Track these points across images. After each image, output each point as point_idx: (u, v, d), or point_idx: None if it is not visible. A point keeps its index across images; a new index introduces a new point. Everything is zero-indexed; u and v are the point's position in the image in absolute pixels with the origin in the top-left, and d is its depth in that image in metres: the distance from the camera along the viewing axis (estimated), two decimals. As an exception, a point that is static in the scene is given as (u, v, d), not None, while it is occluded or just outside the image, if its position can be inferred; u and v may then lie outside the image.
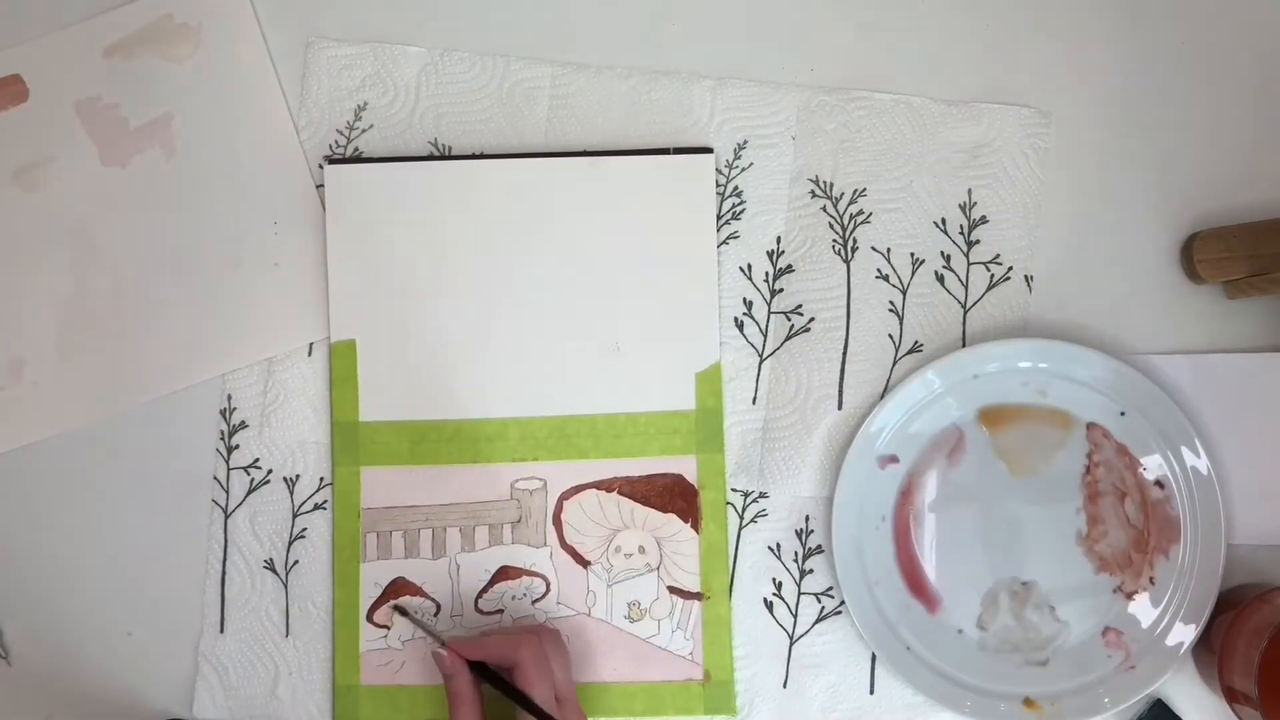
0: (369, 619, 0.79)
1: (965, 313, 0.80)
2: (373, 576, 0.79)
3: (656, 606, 0.79)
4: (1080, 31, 0.81)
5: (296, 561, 0.80)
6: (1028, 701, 0.77)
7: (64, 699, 0.80)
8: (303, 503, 0.80)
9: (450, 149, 0.81)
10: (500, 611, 0.79)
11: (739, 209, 0.81)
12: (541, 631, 0.74)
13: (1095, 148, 0.81)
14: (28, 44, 0.82)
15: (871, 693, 0.79)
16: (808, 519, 0.80)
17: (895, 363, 0.80)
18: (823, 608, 0.79)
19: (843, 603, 0.78)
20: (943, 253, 0.80)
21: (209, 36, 0.82)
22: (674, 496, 0.79)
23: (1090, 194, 0.80)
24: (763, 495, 0.80)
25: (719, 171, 0.81)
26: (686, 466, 0.79)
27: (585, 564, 0.79)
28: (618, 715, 0.78)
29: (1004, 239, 0.80)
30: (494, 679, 0.71)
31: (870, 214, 0.80)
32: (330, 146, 0.82)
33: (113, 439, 0.81)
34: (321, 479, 0.80)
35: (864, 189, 0.81)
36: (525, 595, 0.79)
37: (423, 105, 0.82)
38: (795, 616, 0.79)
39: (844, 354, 0.80)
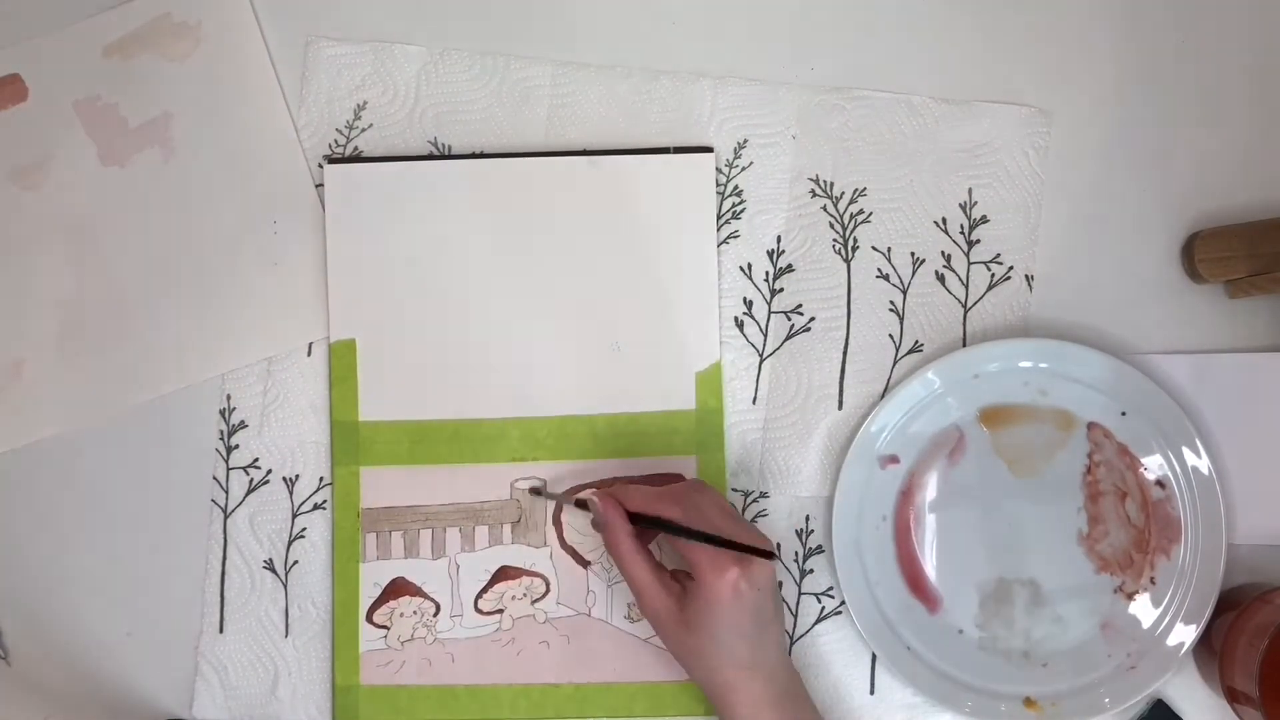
0: (369, 619, 0.79)
1: (966, 312, 0.80)
2: (372, 576, 0.79)
3: (656, 606, 0.79)
4: (1080, 31, 0.81)
5: (296, 561, 0.80)
6: (1028, 701, 0.77)
7: (64, 699, 0.80)
8: (302, 503, 0.80)
9: (450, 148, 0.81)
10: (500, 611, 0.79)
11: (739, 208, 0.81)
12: (681, 488, 0.73)
13: (1095, 148, 0.80)
14: (27, 43, 0.82)
15: (871, 693, 0.79)
16: (808, 519, 0.80)
17: (895, 362, 0.80)
18: (823, 608, 0.79)
19: (843, 603, 0.78)
20: (943, 252, 0.80)
21: (208, 35, 0.82)
22: (674, 496, 0.79)
23: (1090, 194, 0.80)
24: (763, 495, 0.80)
25: (719, 171, 0.81)
26: (686, 466, 0.79)
27: (585, 564, 0.79)
28: (618, 715, 0.78)
29: (1004, 238, 0.80)
30: (651, 521, 0.71)
31: (870, 213, 0.80)
32: (330, 146, 0.82)
33: (113, 439, 0.81)
34: (321, 479, 0.80)
35: (864, 188, 0.80)
36: (525, 595, 0.79)
37: (422, 105, 0.81)
38: (795, 617, 0.79)
39: (844, 354, 0.80)
